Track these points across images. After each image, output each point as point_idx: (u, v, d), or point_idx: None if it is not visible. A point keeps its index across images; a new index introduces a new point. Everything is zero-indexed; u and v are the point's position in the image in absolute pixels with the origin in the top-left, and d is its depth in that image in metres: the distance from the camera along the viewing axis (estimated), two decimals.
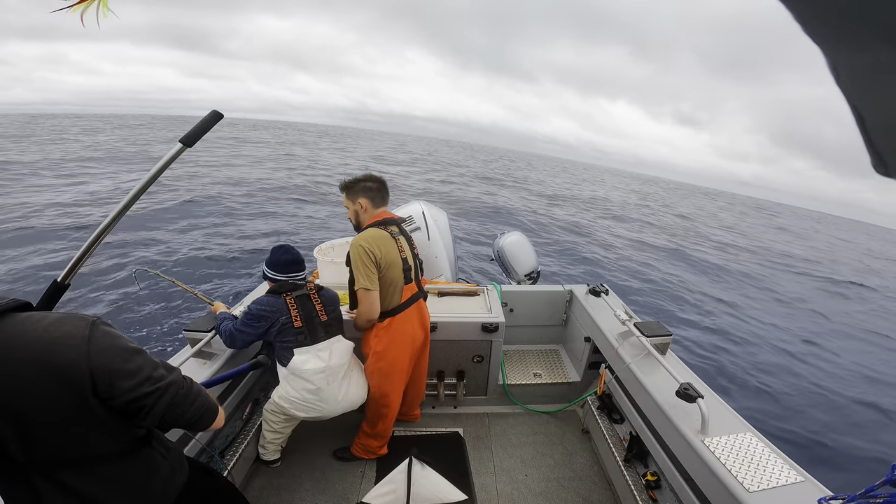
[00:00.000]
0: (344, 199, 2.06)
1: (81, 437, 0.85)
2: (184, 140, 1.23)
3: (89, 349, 0.82)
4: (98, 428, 0.86)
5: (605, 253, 11.33)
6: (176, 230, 8.72)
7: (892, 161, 0.29)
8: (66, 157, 18.97)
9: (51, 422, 0.80)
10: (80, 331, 0.83)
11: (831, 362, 6.43)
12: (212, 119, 1.26)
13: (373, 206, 2.02)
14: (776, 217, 52.14)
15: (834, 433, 4.39)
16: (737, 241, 19.37)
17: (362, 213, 2.02)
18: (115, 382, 0.84)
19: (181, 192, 12.21)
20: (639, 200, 32.64)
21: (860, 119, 0.28)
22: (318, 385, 1.94)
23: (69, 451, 0.85)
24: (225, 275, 6.77)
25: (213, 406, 1.07)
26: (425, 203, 3.42)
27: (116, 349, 0.86)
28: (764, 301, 9.64)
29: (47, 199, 10.19)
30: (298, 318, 1.92)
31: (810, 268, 15.58)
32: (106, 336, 0.86)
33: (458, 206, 14.99)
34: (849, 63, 0.26)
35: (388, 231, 1.99)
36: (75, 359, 0.80)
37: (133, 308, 5.35)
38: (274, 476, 2.24)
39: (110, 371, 0.84)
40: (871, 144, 0.29)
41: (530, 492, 2.23)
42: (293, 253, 2.01)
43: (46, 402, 0.78)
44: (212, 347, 2.09)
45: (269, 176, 17.84)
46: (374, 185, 2.02)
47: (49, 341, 0.79)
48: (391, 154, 44.93)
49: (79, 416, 0.82)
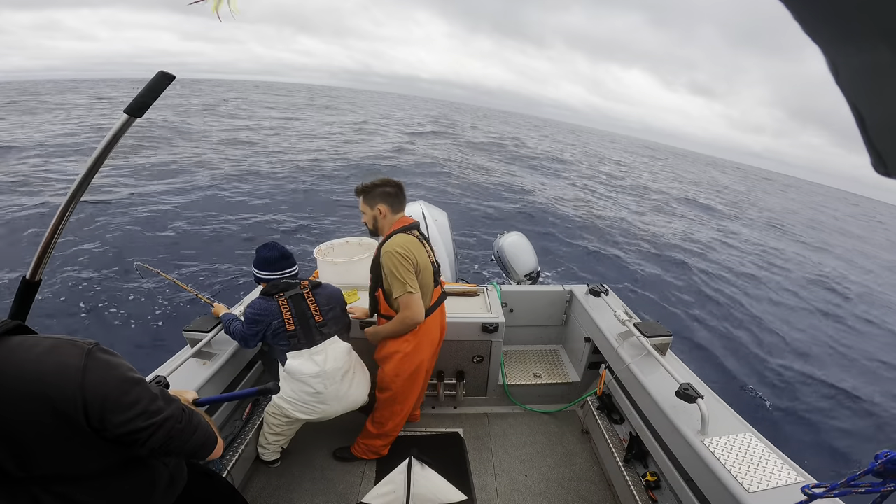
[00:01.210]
0: (361, 203, 2.00)
1: (79, 458, 0.84)
2: (130, 109, 1.07)
3: (84, 381, 0.78)
4: (95, 451, 0.85)
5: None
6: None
7: (892, 161, 0.29)
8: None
9: (46, 443, 0.78)
10: (75, 360, 0.79)
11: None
12: (160, 81, 1.08)
13: (392, 212, 1.97)
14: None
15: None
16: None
17: (381, 219, 1.98)
18: (108, 416, 0.81)
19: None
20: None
21: (860, 119, 0.28)
22: (317, 388, 1.92)
23: (67, 469, 0.84)
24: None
25: (212, 437, 1.04)
26: (425, 203, 3.43)
27: (113, 381, 0.83)
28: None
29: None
30: (291, 320, 1.87)
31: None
32: (102, 366, 0.82)
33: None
34: (849, 63, 0.26)
35: (415, 236, 1.97)
36: (68, 390, 0.77)
37: (133, 303, 5.36)
38: (274, 476, 2.24)
39: (104, 404, 0.80)
40: (871, 144, 0.29)
41: (530, 492, 2.23)
42: (279, 249, 1.96)
43: (40, 429, 0.77)
44: (211, 347, 2.09)
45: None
46: (392, 189, 1.96)
47: (43, 372, 0.76)
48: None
49: (74, 443, 0.81)
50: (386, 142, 22.73)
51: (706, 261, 10.36)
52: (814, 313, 8.49)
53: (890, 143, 0.28)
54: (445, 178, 14.69)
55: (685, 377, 1.88)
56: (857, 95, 0.28)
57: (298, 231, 8.63)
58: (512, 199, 13.05)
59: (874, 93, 0.27)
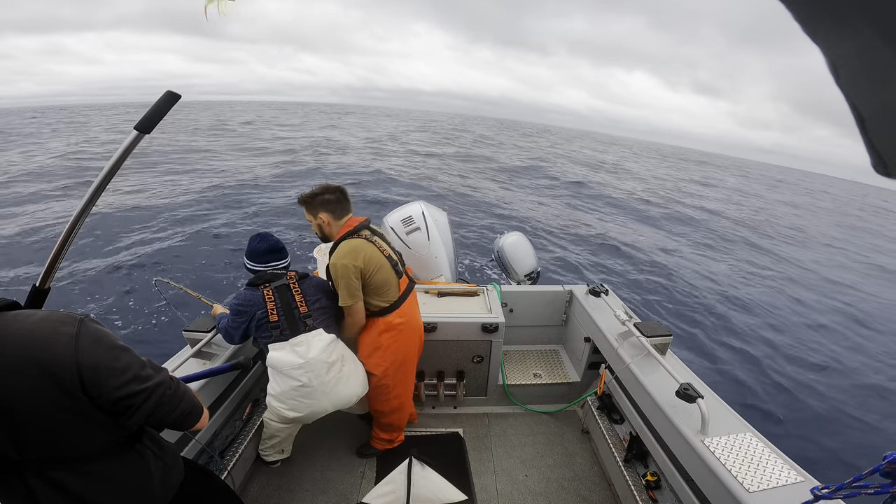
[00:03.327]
0: (305, 214, 2.02)
1: (72, 435, 0.85)
2: (139, 126, 1.14)
3: (77, 346, 0.81)
4: (88, 425, 0.86)
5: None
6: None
7: (892, 161, 0.29)
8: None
9: (41, 418, 0.80)
10: (69, 328, 0.82)
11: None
12: (167, 101, 1.16)
13: (335, 219, 1.98)
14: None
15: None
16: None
17: (326, 227, 2.00)
18: (103, 380, 0.84)
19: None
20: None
21: (860, 119, 0.28)
22: (302, 381, 1.85)
23: (61, 450, 0.85)
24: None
25: (198, 406, 1.06)
26: (425, 203, 3.43)
27: (105, 346, 0.86)
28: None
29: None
30: (275, 311, 1.82)
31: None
32: (94, 333, 0.86)
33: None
34: (848, 64, 0.26)
35: (363, 237, 1.97)
36: (63, 355, 0.80)
37: (137, 307, 5.36)
38: (274, 476, 2.24)
39: (98, 368, 0.83)
40: (871, 144, 0.29)
41: (530, 492, 2.23)
42: (271, 240, 1.92)
43: (35, 398, 0.78)
44: (211, 347, 2.10)
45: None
46: (332, 196, 1.97)
47: (38, 338, 0.79)
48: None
49: (68, 413, 0.82)
50: (459, 182, 16.44)
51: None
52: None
53: (890, 143, 0.28)
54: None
55: (685, 377, 1.88)
56: (857, 96, 0.28)
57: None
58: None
59: (874, 93, 0.27)
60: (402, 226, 3.22)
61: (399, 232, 3.21)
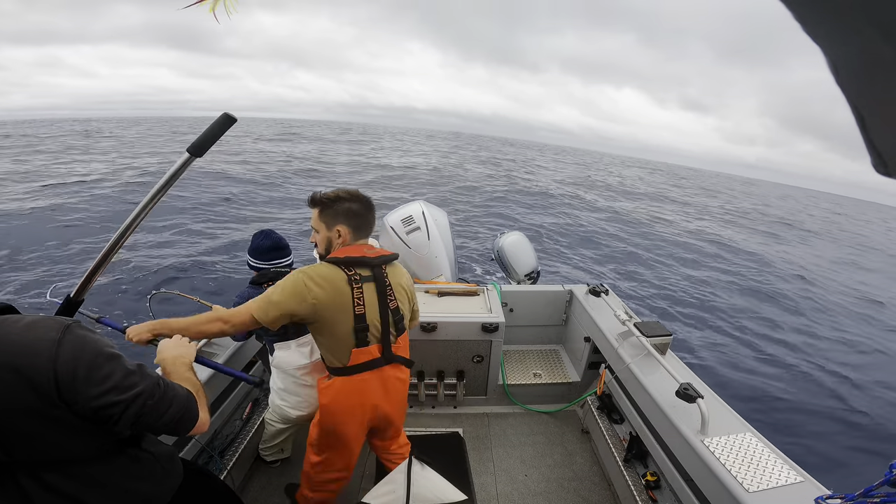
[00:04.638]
0: (315, 218, 1.53)
1: (57, 439, 0.84)
2: (192, 150, 1.13)
3: (57, 352, 0.80)
4: (71, 431, 0.85)
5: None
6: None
7: (892, 161, 0.29)
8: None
9: (20, 422, 0.79)
10: (52, 334, 0.81)
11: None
12: (222, 124, 1.12)
13: (352, 237, 1.52)
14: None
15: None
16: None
17: (336, 242, 1.52)
18: (81, 388, 0.82)
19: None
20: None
21: (860, 119, 0.28)
22: (306, 381, 1.86)
23: (48, 453, 0.84)
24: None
25: (190, 412, 1.01)
26: (425, 203, 3.43)
27: (87, 354, 0.84)
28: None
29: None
30: None
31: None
32: (78, 340, 0.84)
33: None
34: (849, 63, 0.26)
35: (348, 273, 1.45)
36: (41, 362, 0.78)
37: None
38: (274, 476, 2.24)
39: (75, 377, 0.81)
40: (871, 144, 0.29)
41: (530, 492, 2.22)
42: (274, 238, 1.90)
43: (15, 403, 0.78)
44: (211, 348, 2.10)
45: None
46: (359, 207, 1.52)
47: (23, 343, 0.79)
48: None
49: (45, 418, 0.81)
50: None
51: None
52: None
53: (890, 143, 0.28)
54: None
55: (685, 377, 1.88)
56: (858, 95, 0.28)
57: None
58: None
59: (874, 93, 0.27)
60: (402, 225, 3.23)
61: (399, 231, 3.21)
